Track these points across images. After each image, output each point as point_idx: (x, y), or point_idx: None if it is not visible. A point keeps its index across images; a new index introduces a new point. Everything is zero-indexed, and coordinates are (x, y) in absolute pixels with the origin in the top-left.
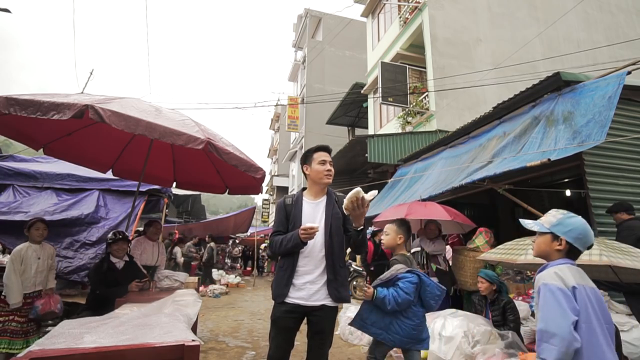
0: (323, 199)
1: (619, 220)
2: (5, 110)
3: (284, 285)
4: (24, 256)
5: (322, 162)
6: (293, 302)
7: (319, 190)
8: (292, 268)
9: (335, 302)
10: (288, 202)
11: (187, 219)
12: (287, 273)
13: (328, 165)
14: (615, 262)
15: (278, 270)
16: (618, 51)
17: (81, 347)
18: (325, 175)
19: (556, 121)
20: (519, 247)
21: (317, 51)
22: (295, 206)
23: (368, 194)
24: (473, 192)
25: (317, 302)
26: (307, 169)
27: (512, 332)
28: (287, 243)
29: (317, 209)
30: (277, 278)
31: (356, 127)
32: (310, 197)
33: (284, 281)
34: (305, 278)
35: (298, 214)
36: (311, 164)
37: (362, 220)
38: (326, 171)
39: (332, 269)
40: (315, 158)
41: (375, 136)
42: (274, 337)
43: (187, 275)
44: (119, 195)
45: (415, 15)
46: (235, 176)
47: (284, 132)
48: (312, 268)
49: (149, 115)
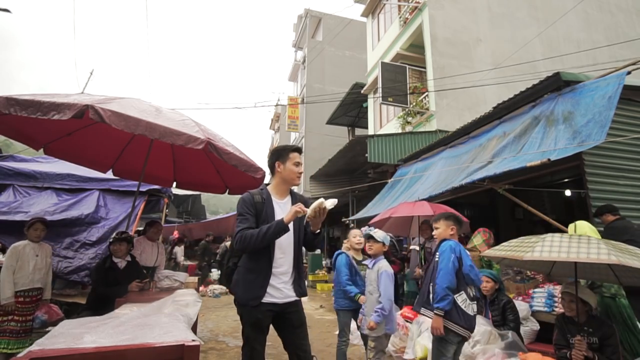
0: (288, 199)
1: (605, 222)
2: (5, 110)
3: (259, 287)
4: (20, 253)
5: (296, 164)
6: (270, 301)
7: (285, 190)
8: (267, 270)
9: (298, 297)
10: (258, 199)
11: (187, 219)
12: (263, 275)
13: (301, 168)
14: (623, 261)
15: (246, 273)
16: (618, 51)
17: (81, 347)
18: (297, 177)
19: (556, 121)
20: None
21: (317, 51)
22: (266, 205)
23: (328, 202)
24: (473, 192)
25: (290, 298)
26: (280, 167)
27: (512, 332)
28: (267, 232)
29: (284, 209)
30: (246, 280)
31: (356, 127)
32: (277, 196)
33: (259, 283)
34: (281, 278)
35: (271, 213)
36: (286, 162)
37: (319, 225)
38: (299, 173)
39: (297, 266)
40: (292, 158)
41: (375, 136)
42: (253, 340)
43: (187, 275)
44: (119, 195)
45: (415, 15)
46: (235, 176)
47: (284, 132)
48: (287, 268)
49: (149, 115)
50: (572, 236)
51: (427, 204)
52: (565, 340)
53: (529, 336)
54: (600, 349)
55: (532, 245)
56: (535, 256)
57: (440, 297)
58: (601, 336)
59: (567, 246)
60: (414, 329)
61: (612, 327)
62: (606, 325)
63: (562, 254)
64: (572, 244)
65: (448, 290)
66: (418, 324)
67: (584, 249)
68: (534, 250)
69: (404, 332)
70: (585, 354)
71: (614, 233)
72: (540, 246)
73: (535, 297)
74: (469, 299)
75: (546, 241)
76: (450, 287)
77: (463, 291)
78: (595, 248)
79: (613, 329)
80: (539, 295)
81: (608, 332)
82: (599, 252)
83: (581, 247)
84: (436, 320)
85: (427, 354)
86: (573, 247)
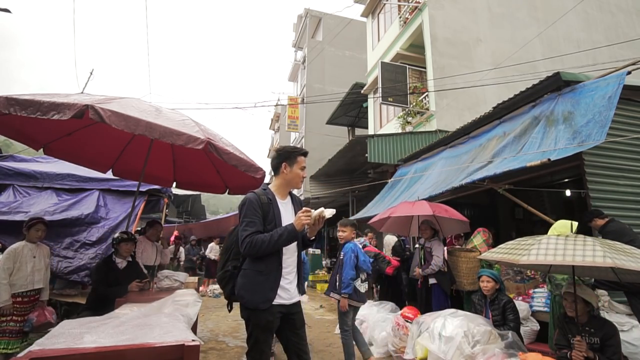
0: (289, 199)
1: (597, 226)
2: (5, 110)
3: (269, 290)
4: (18, 255)
5: (302, 168)
6: (279, 302)
7: (286, 191)
8: (277, 271)
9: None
10: (264, 200)
11: (187, 219)
12: (272, 276)
13: (305, 172)
14: (619, 264)
15: (255, 275)
16: (618, 51)
17: (81, 347)
18: (301, 181)
19: (556, 121)
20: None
21: (317, 51)
22: (272, 206)
23: (327, 212)
24: (473, 192)
25: (296, 298)
26: (287, 169)
27: (512, 332)
28: (279, 238)
29: (287, 209)
30: (255, 283)
31: (356, 127)
32: (279, 196)
33: (269, 285)
34: (288, 278)
35: (277, 213)
36: (293, 166)
37: (315, 233)
38: (303, 177)
39: (298, 266)
40: (299, 162)
41: (375, 136)
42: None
43: (187, 275)
44: (119, 195)
45: (415, 15)
46: (235, 176)
47: (284, 132)
48: (292, 268)
49: (149, 115)
50: (567, 238)
51: (427, 204)
52: (566, 340)
53: (529, 336)
54: (602, 349)
55: (528, 248)
56: (531, 260)
57: (346, 285)
58: (603, 336)
59: (563, 248)
60: (414, 329)
61: (613, 327)
62: (608, 326)
63: (557, 257)
64: (568, 246)
65: (351, 280)
66: (418, 324)
67: (580, 251)
68: (530, 254)
69: (404, 332)
70: (586, 355)
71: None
72: (537, 249)
73: (535, 297)
74: (361, 282)
75: (542, 243)
76: (352, 277)
77: (359, 277)
78: (591, 250)
79: (614, 329)
80: (539, 295)
81: (610, 333)
82: (594, 255)
83: (577, 249)
84: (343, 301)
85: (427, 354)
86: (569, 250)
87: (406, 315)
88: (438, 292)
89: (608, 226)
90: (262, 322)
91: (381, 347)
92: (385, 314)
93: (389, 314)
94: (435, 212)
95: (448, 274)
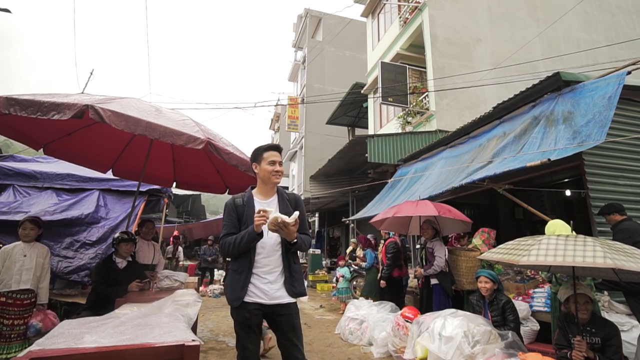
0: (274, 197)
1: (612, 221)
2: (5, 110)
3: (240, 289)
4: (8, 254)
5: (271, 163)
6: (254, 301)
7: (268, 190)
8: (248, 270)
9: (293, 297)
10: (239, 202)
11: (187, 219)
12: (244, 276)
13: (277, 166)
14: (619, 265)
15: (232, 274)
16: (618, 51)
17: (81, 347)
18: (273, 175)
19: (556, 121)
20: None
21: (317, 51)
22: (247, 206)
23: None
24: (473, 192)
25: (281, 300)
26: (257, 168)
27: (512, 332)
28: (241, 240)
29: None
30: (232, 281)
31: (356, 127)
32: (260, 196)
33: (240, 284)
34: (266, 278)
35: (251, 214)
36: (260, 163)
37: (293, 236)
38: (274, 171)
39: (288, 266)
40: (265, 157)
41: (375, 136)
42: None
43: (187, 275)
44: (119, 195)
45: (415, 15)
46: (236, 176)
47: (284, 132)
48: (272, 267)
49: (149, 115)
50: (568, 238)
51: (431, 204)
52: (566, 340)
53: (529, 336)
54: (602, 349)
55: (528, 249)
56: (531, 260)
57: None
58: (604, 336)
59: (563, 249)
60: (414, 329)
61: (614, 327)
62: (609, 326)
63: (557, 257)
64: (568, 247)
65: None
66: (418, 324)
67: (580, 252)
68: (530, 254)
69: (404, 332)
70: (586, 355)
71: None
72: (536, 249)
73: (535, 297)
74: None
75: (542, 244)
76: None
77: None
78: (591, 251)
79: (616, 329)
80: (539, 295)
81: (611, 332)
82: (594, 256)
83: (577, 250)
84: None
85: (427, 354)
86: (569, 250)
87: (406, 315)
88: (440, 292)
89: (623, 223)
90: (240, 318)
91: (381, 347)
92: (385, 314)
93: (389, 314)
94: (440, 212)
95: (449, 274)
